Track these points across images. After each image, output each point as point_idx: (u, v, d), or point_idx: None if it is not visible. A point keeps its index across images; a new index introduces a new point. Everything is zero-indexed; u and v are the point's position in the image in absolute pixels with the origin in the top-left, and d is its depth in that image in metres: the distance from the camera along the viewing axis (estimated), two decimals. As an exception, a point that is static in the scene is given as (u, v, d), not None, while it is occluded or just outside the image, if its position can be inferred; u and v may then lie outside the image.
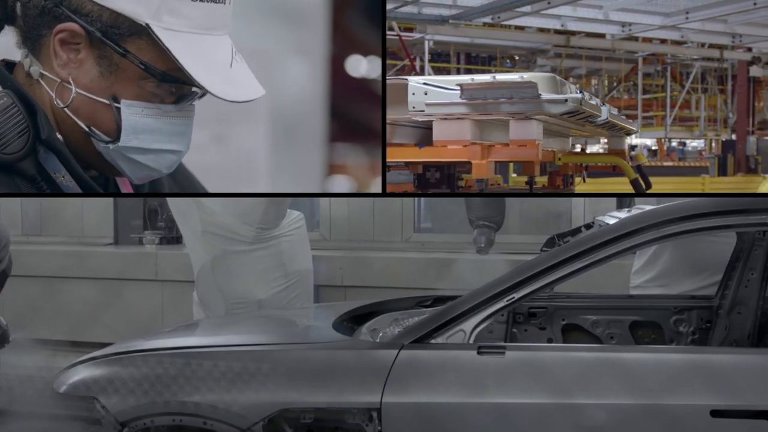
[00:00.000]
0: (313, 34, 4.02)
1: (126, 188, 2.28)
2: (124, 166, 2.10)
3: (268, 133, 3.89)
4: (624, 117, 5.21)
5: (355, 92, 4.20)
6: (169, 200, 4.55)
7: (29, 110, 2.02)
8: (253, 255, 4.31)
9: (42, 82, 2.07)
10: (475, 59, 16.93)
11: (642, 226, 2.63)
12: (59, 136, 2.07)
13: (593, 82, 19.10)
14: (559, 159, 4.43)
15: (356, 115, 4.22)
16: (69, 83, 2.04)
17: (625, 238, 2.63)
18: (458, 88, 3.24)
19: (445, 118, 3.35)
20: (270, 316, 3.80)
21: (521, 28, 13.07)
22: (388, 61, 13.23)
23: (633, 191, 4.69)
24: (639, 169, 5.22)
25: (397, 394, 2.54)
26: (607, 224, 2.77)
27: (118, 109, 2.03)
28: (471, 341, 2.63)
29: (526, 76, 3.26)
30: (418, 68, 13.57)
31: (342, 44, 4.15)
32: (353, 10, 4.20)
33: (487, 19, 10.59)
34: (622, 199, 5.53)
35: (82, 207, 6.55)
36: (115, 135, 2.05)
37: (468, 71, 14.95)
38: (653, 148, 19.40)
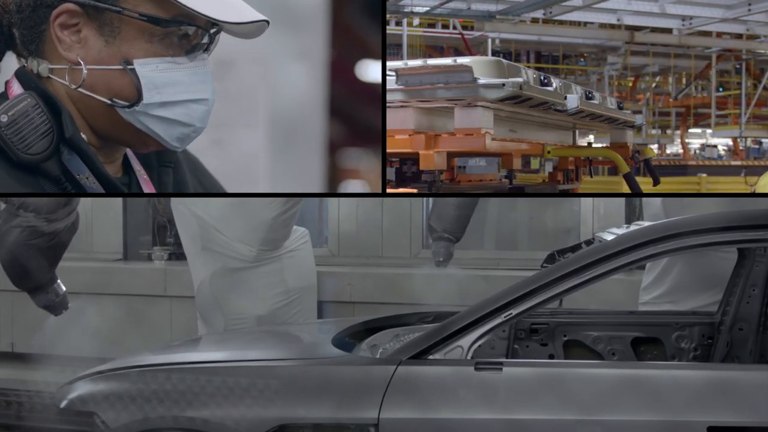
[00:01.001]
0: (316, 37, 3.97)
1: (148, 188, 2.29)
2: (156, 128, 2.11)
3: (270, 137, 3.86)
4: (620, 108, 5.07)
5: (361, 95, 4.15)
6: (175, 215, 4.54)
7: (53, 110, 2.05)
8: (252, 271, 4.28)
9: (53, 76, 2.09)
10: (546, 58, 16.65)
11: (641, 241, 2.63)
12: (83, 135, 2.09)
13: (670, 80, 18.62)
14: (548, 152, 4.36)
15: (362, 119, 4.16)
16: (79, 64, 2.06)
17: (623, 253, 2.63)
18: (394, 74, 3.16)
19: (389, 106, 3.24)
20: (270, 332, 3.80)
21: (586, 24, 12.86)
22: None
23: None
24: (647, 163, 5.11)
25: (395, 410, 2.54)
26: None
27: (133, 70, 2.06)
28: (469, 357, 2.63)
29: (463, 60, 3.15)
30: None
31: (346, 46, 4.10)
32: (354, 9, 4.16)
33: (539, 15, 10.36)
34: (631, 207, 5.48)
35: (92, 222, 6.57)
36: (137, 97, 2.07)
37: (539, 70, 14.60)
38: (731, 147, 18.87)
